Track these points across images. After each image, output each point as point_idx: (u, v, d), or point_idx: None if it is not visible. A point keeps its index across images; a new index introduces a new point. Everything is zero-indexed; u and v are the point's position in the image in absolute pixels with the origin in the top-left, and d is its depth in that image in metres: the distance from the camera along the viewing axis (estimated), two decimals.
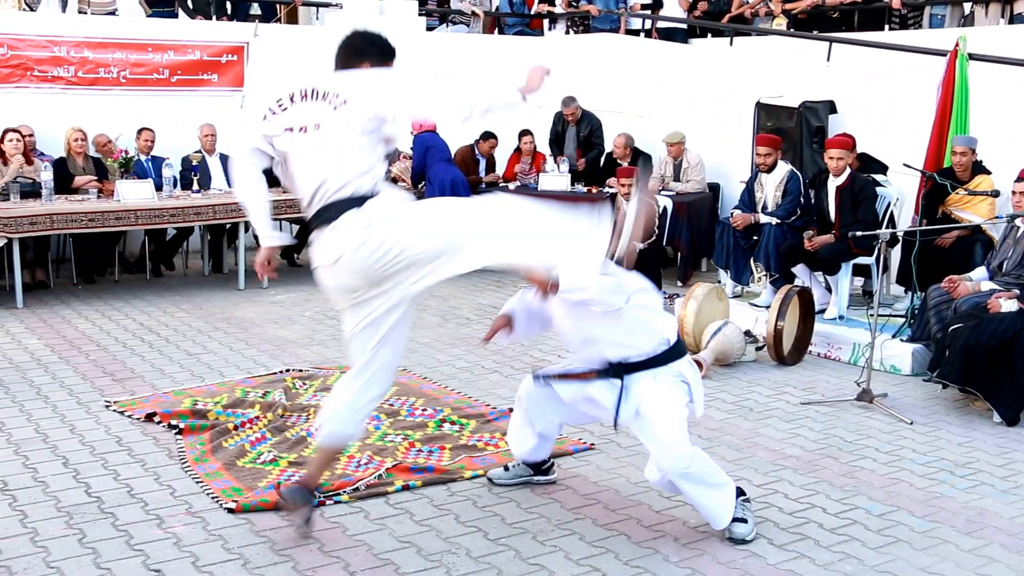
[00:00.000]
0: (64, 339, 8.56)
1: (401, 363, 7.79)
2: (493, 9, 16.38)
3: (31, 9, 12.68)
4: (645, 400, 4.72)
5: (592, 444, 6.17)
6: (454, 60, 14.03)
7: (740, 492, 4.91)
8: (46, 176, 10.05)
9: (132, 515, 5.08)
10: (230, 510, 5.13)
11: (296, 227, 11.22)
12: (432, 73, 4.22)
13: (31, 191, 10.14)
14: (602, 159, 12.62)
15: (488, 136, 12.55)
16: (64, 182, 10.61)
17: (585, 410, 5.07)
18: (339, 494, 5.27)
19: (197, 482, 5.48)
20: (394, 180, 11.87)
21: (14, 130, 10.51)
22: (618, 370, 4.77)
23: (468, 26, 15.73)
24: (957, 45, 9.10)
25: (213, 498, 5.26)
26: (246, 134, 4.58)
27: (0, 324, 9.02)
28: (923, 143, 9.29)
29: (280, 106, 4.45)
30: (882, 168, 9.69)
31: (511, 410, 5.62)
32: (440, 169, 11.36)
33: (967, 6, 12.52)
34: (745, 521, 4.86)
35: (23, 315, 9.38)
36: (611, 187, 11.29)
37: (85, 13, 12.66)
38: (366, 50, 4.83)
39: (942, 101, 9.20)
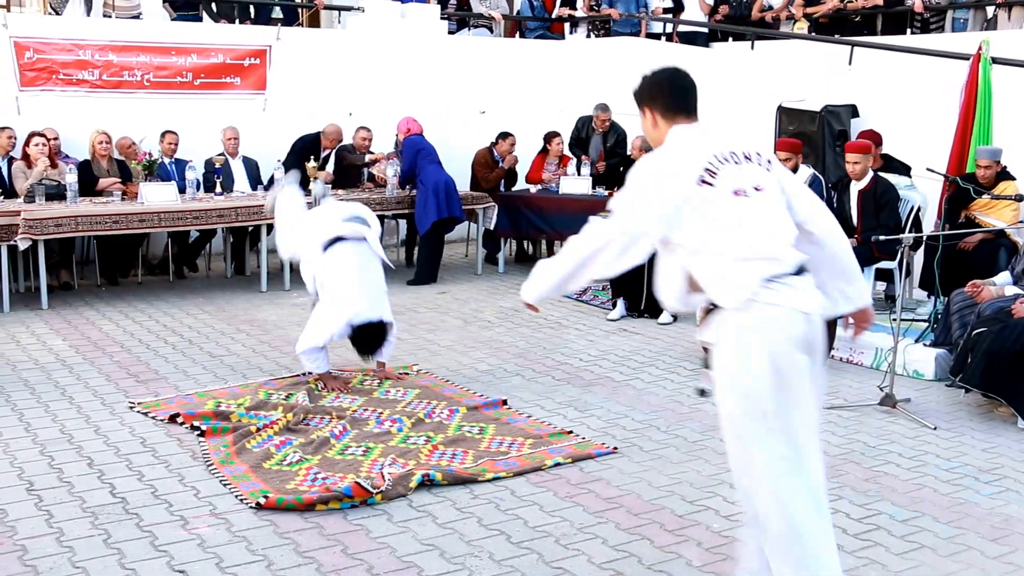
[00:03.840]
0: (88, 340, 8.59)
1: (423, 366, 7.85)
2: (513, 13, 16.39)
3: (57, 13, 12.75)
4: None
5: (615, 448, 6.16)
6: (476, 64, 14.07)
7: None
8: (71, 178, 10.09)
9: (157, 516, 5.09)
10: (259, 506, 5.15)
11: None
12: None
13: (56, 193, 10.19)
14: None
15: (506, 135, 12.52)
16: (88, 184, 10.65)
17: None
18: (371, 497, 5.27)
19: (224, 484, 5.48)
20: (377, 183, 11.90)
21: (39, 134, 10.56)
22: None
23: (491, 31, 15.74)
24: (980, 49, 9.08)
25: (240, 499, 5.27)
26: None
27: (25, 325, 9.06)
28: (946, 147, 9.26)
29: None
30: (905, 169, 9.64)
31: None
32: (431, 171, 11.34)
33: (990, 10, 12.47)
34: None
35: (48, 316, 9.42)
36: None
37: (110, 17, 12.71)
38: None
39: (965, 105, 9.17)
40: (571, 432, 6.39)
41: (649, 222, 3.65)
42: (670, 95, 3.93)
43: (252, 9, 14.27)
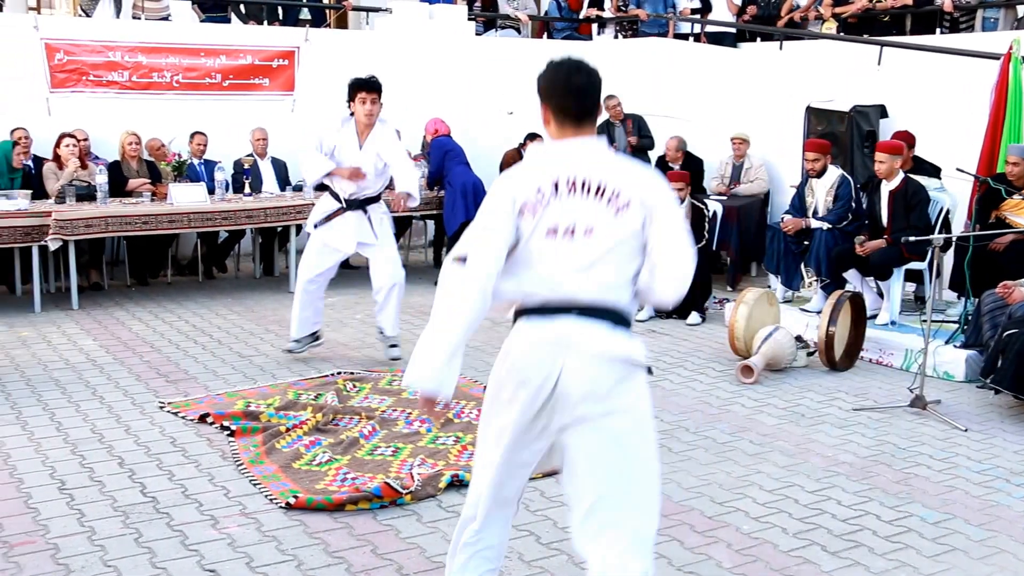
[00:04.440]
0: (118, 340, 8.63)
1: None
2: (540, 14, 16.37)
3: (87, 15, 12.80)
4: None
5: None
6: (504, 65, 14.05)
7: None
8: (101, 179, 10.14)
9: (187, 515, 5.11)
10: (289, 505, 5.17)
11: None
12: None
13: (86, 194, 10.23)
14: (653, 160, 12.56)
15: (533, 136, 12.51)
16: (118, 185, 10.70)
17: None
18: (400, 498, 5.27)
19: (254, 484, 5.50)
20: None
21: (69, 135, 10.61)
22: None
23: (519, 32, 15.73)
24: (1011, 48, 9.00)
25: (271, 499, 5.28)
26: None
27: (56, 325, 9.12)
28: (976, 147, 9.19)
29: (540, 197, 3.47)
30: (935, 170, 9.59)
31: None
32: (459, 172, 11.35)
33: (1020, 9, 12.36)
34: None
35: (78, 316, 9.48)
36: None
37: (139, 19, 12.76)
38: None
39: (995, 105, 9.09)
40: None
41: (491, 262, 3.46)
42: (562, 96, 3.52)
43: (280, 10, 14.31)
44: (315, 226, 7.93)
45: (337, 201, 7.89)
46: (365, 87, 7.68)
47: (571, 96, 3.50)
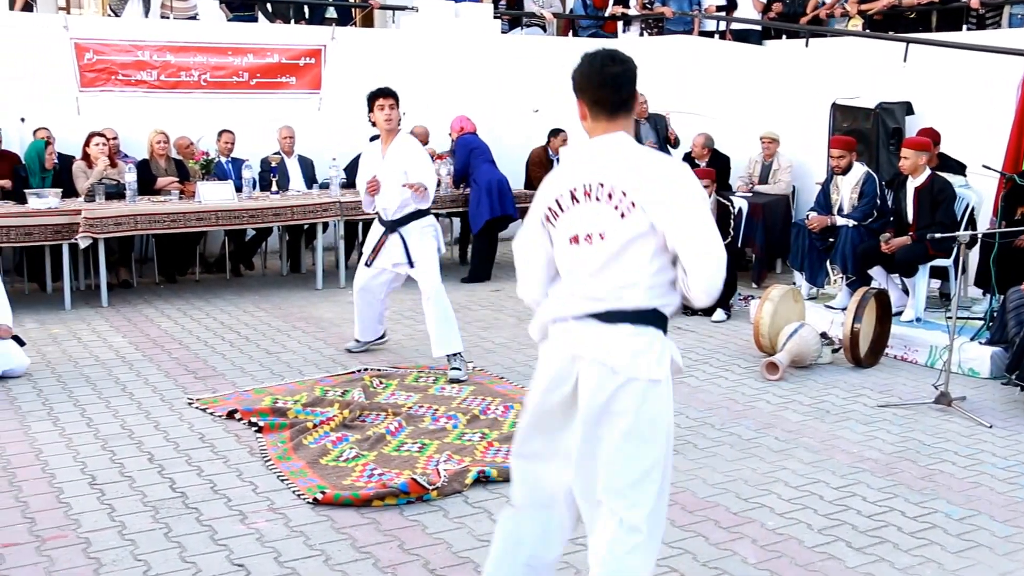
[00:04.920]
0: (147, 337, 8.70)
1: (478, 363, 7.88)
2: (566, 12, 16.37)
3: (115, 14, 12.89)
4: None
5: None
6: (529, 63, 14.07)
7: None
8: (130, 178, 10.20)
9: (216, 510, 5.15)
10: (317, 501, 5.20)
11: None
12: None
13: (115, 192, 10.31)
14: (678, 157, 12.55)
15: (557, 132, 12.53)
16: (147, 184, 10.77)
17: None
18: (427, 493, 5.31)
19: (281, 479, 5.54)
20: None
21: (99, 134, 10.69)
22: None
23: (545, 29, 15.73)
24: None
25: (298, 495, 5.32)
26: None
27: (86, 323, 9.19)
28: (1002, 144, 9.15)
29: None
30: (960, 167, 9.55)
31: None
32: (485, 171, 11.36)
33: None
34: None
35: (108, 314, 9.55)
36: None
37: (167, 18, 12.84)
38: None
39: (1021, 101, 9.05)
40: None
41: (536, 270, 3.71)
42: (597, 87, 3.52)
43: (307, 9, 14.36)
44: (368, 264, 7.91)
45: (381, 224, 7.86)
46: (381, 94, 7.65)
47: (606, 87, 3.50)
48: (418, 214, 7.77)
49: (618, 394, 3.42)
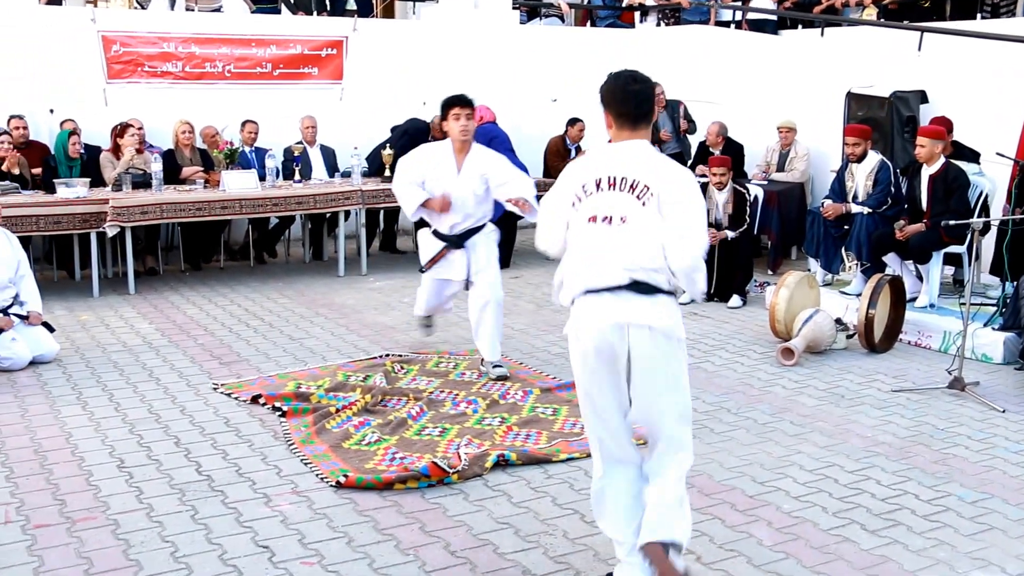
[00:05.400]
0: (173, 324, 8.73)
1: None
2: (584, 2, 16.33)
3: (142, 7, 12.92)
4: None
5: None
6: (547, 53, 14.04)
7: None
8: (156, 167, 10.23)
9: (241, 493, 5.17)
10: (339, 484, 5.21)
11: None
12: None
13: (142, 182, 10.35)
14: (695, 145, 12.50)
15: (574, 121, 12.50)
16: (172, 173, 10.80)
17: None
18: (447, 477, 5.32)
19: (305, 463, 5.55)
20: None
21: (129, 124, 10.74)
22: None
23: (563, 20, 15.70)
24: None
25: (321, 478, 5.34)
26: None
27: (114, 309, 9.23)
28: (1016, 132, 9.09)
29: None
30: (974, 155, 9.49)
31: None
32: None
33: None
34: None
35: (135, 301, 9.59)
36: (702, 175, 11.18)
37: (192, 10, 12.87)
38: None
39: None
40: None
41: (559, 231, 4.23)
42: (621, 103, 4.09)
43: (328, 1, 14.36)
44: (422, 270, 7.43)
45: (439, 239, 7.26)
46: (459, 102, 7.00)
47: (629, 102, 4.06)
48: (482, 225, 7.28)
49: (663, 350, 3.96)
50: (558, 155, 12.36)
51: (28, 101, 11.33)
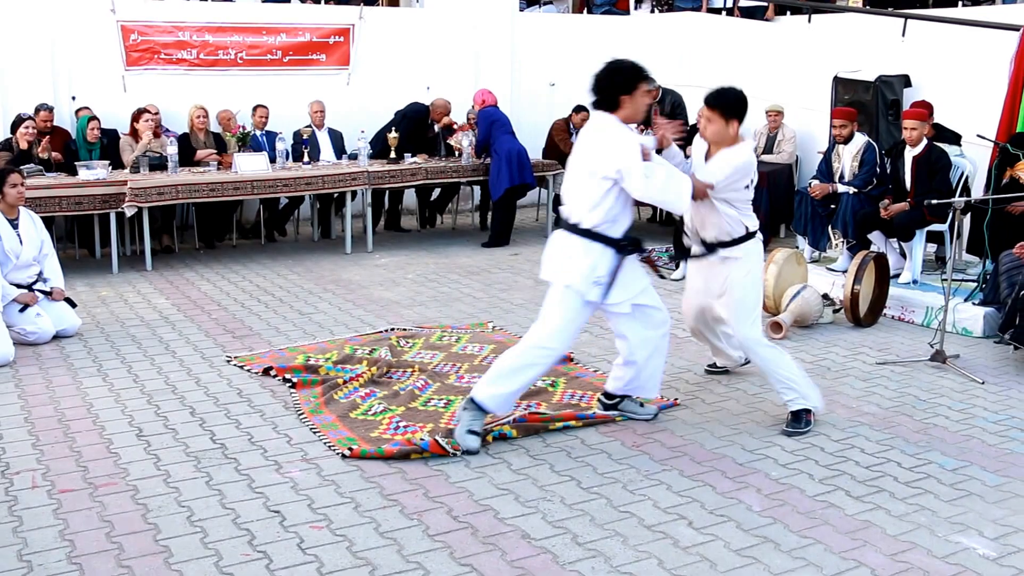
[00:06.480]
0: (188, 299, 8.72)
1: (498, 323, 7.88)
2: None
3: None
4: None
5: (676, 400, 6.15)
6: (546, 40, 13.99)
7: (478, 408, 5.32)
8: (172, 150, 10.23)
9: (253, 461, 5.18)
10: (345, 456, 5.22)
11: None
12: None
13: (158, 164, 10.35)
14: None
15: (581, 109, 12.46)
16: (187, 155, 10.79)
17: None
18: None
19: (314, 432, 5.56)
20: (453, 152, 11.85)
21: (146, 110, 10.72)
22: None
23: (558, 8, 15.64)
24: None
25: (329, 447, 5.34)
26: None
27: (132, 285, 9.23)
28: (996, 115, 9.07)
29: None
30: (955, 137, 9.46)
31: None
32: (505, 141, 11.31)
33: None
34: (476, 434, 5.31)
35: (152, 277, 9.58)
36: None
37: (206, 0, 12.82)
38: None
39: (1014, 75, 8.99)
40: None
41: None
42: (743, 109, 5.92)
43: None
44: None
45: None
46: (648, 77, 5.66)
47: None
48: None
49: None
50: (564, 131, 12.35)
51: (51, 89, 11.30)
